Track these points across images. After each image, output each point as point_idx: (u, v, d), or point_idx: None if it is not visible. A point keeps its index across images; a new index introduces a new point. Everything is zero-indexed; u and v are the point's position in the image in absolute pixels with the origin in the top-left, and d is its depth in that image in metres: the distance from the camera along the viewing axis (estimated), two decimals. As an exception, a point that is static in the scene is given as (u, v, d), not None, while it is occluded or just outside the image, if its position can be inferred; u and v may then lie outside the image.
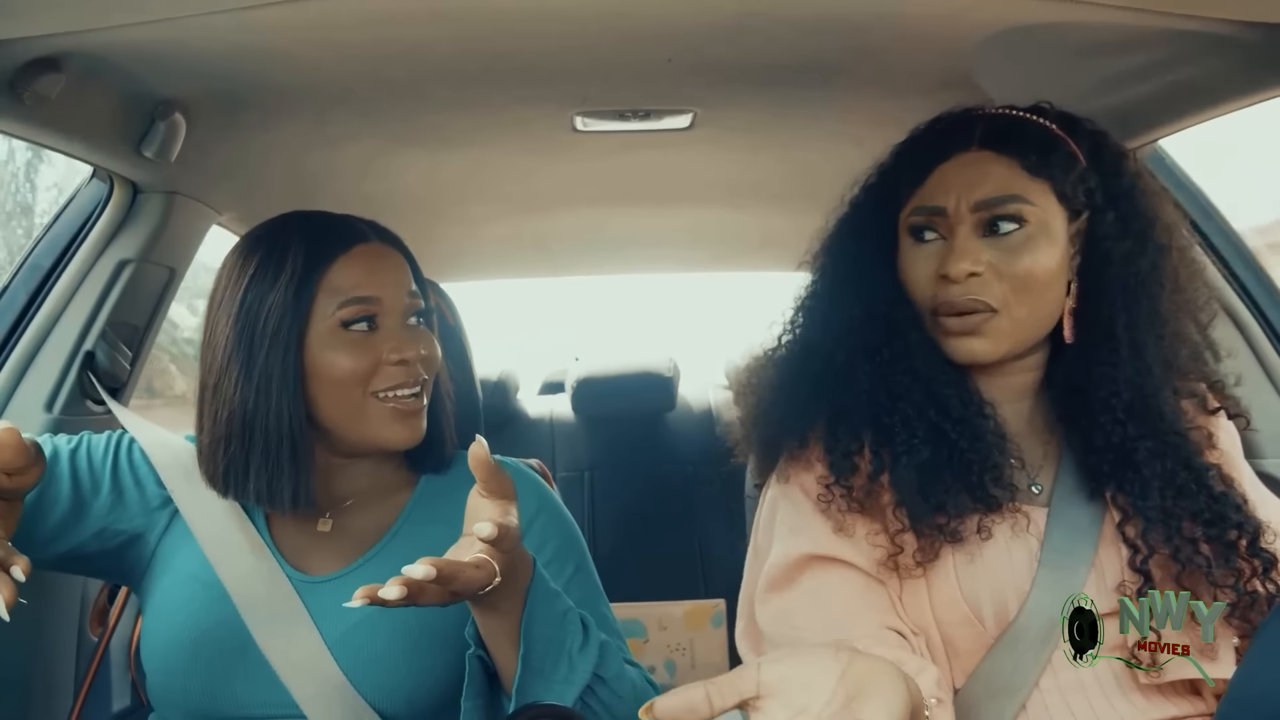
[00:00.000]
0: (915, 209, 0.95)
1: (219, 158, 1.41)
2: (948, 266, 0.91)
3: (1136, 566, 0.88)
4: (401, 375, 0.99)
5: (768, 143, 1.56)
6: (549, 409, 2.81)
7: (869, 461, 0.93)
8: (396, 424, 1.00)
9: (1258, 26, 0.99)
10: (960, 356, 0.93)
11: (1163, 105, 1.22)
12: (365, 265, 1.01)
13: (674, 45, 1.14)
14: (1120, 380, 0.91)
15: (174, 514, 1.04)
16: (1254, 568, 0.88)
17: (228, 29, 1.02)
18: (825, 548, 0.92)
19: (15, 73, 1.00)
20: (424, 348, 1.01)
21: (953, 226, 0.93)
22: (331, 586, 1.00)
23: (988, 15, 1.05)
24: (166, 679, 0.98)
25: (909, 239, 0.96)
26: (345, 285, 0.99)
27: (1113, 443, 0.91)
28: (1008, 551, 0.90)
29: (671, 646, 2.21)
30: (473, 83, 1.24)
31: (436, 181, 1.75)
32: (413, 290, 1.04)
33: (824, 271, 1.04)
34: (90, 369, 1.35)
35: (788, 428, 0.99)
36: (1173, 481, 0.90)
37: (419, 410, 1.02)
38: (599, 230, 2.24)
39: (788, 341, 1.05)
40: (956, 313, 0.92)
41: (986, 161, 0.93)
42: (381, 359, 0.99)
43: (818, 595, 0.92)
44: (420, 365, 1.01)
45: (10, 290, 1.35)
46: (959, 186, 0.92)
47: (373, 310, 0.99)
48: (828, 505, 0.93)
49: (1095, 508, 0.93)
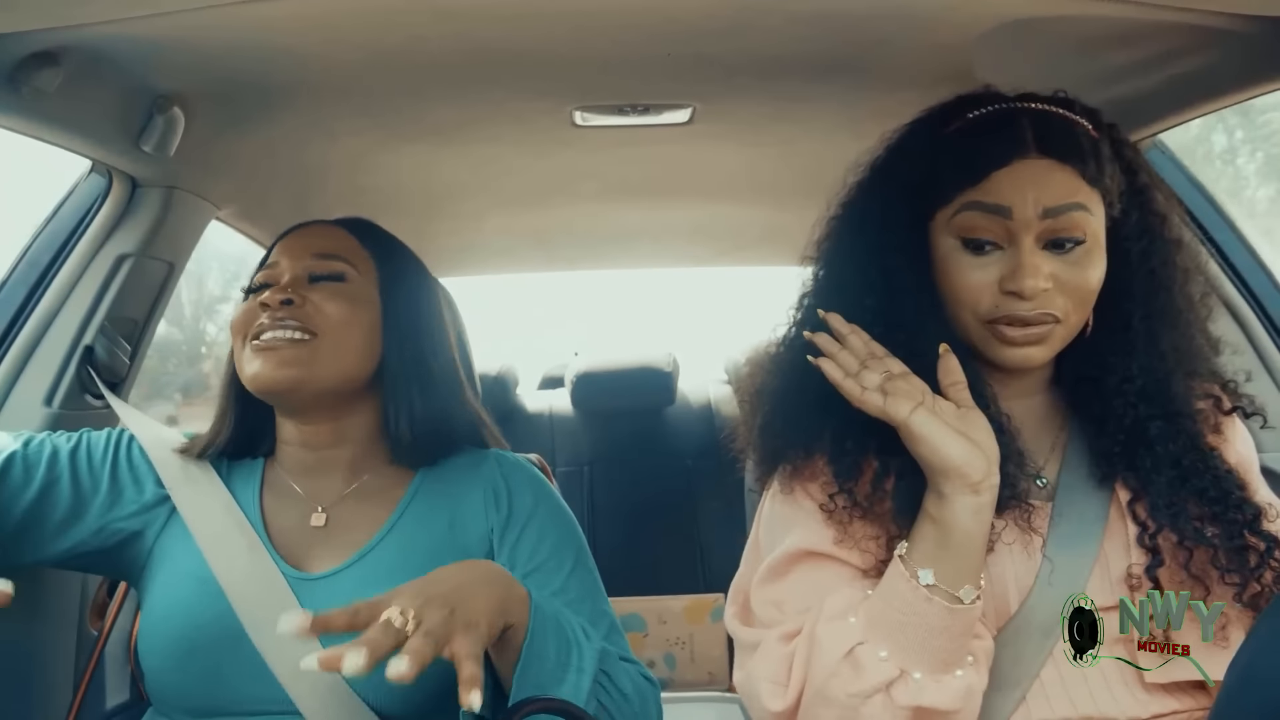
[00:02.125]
0: (970, 204, 0.91)
1: (218, 152, 1.41)
2: (1019, 283, 0.88)
3: (1145, 544, 0.89)
4: (265, 316, 1.02)
5: (767, 137, 1.56)
6: (548, 404, 2.81)
7: (874, 468, 0.92)
8: (255, 360, 1.01)
9: (1257, 20, 0.99)
10: (1015, 364, 0.92)
11: (1163, 99, 1.22)
12: (286, 241, 1.11)
13: (673, 40, 1.14)
14: (1135, 367, 0.93)
15: (172, 511, 1.05)
16: (1258, 548, 0.89)
17: (227, 23, 1.01)
18: (824, 547, 0.92)
19: (14, 67, 1.00)
20: (313, 294, 1.04)
21: (1015, 234, 0.89)
22: (326, 584, 1.00)
23: (988, 8, 1.05)
24: (164, 675, 0.98)
25: (958, 244, 0.92)
26: (268, 258, 1.11)
27: (1125, 425, 0.92)
28: (1008, 547, 0.90)
29: (671, 640, 2.21)
30: (472, 77, 1.24)
31: (435, 176, 1.74)
32: (324, 251, 1.07)
33: (834, 268, 1.01)
34: (89, 364, 1.35)
35: (791, 439, 0.97)
36: (1180, 462, 0.91)
37: (274, 348, 1.01)
38: (598, 225, 2.24)
39: (790, 344, 1.02)
40: (1024, 325, 0.90)
41: (1052, 170, 0.90)
42: (253, 309, 1.04)
43: (808, 584, 0.92)
44: (286, 312, 1.02)
45: (9, 285, 1.35)
46: (1027, 190, 0.89)
47: (270, 274, 1.07)
48: (830, 514, 0.92)
49: (1102, 495, 0.93)
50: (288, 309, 1.01)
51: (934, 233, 0.95)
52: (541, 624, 0.87)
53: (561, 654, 0.88)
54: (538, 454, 1.34)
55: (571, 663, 0.88)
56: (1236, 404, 0.99)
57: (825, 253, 1.03)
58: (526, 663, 0.85)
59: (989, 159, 0.91)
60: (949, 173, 0.93)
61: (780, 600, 0.92)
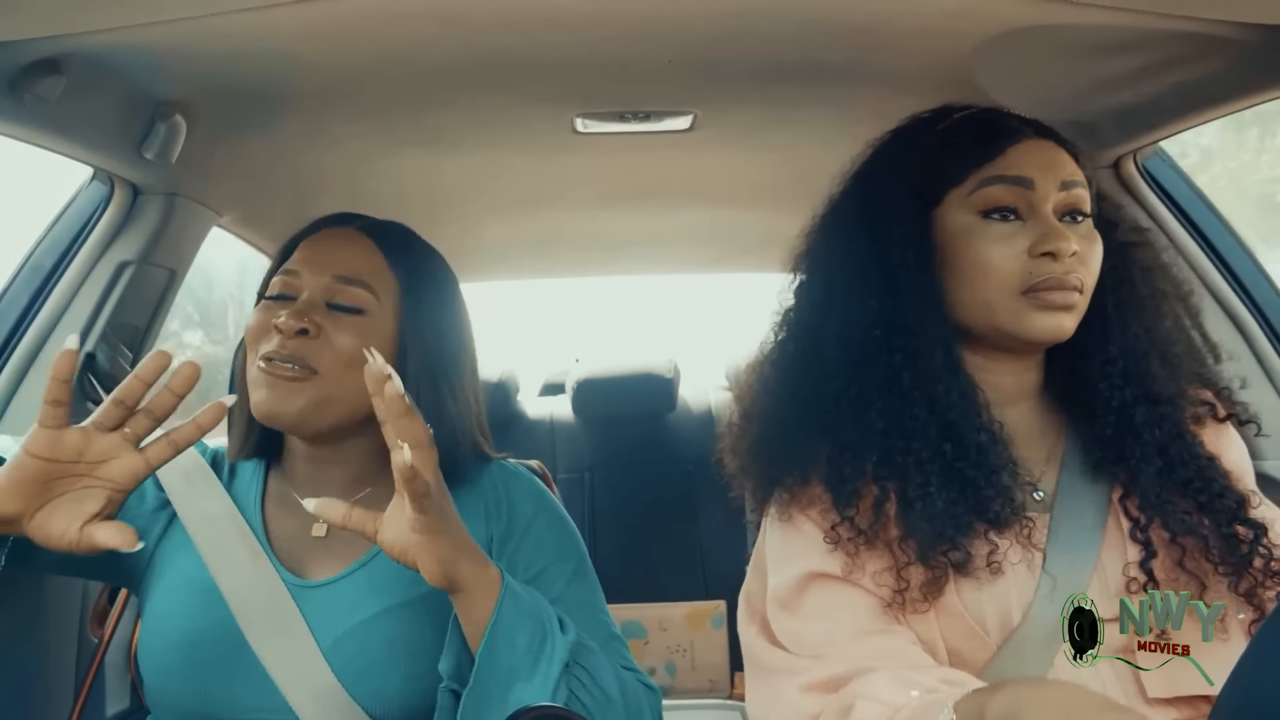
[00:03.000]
0: (991, 179, 0.92)
1: (220, 159, 1.41)
2: (1054, 244, 0.89)
3: (1138, 538, 0.89)
4: (276, 341, 0.98)
5: (768, 143, 1.56)
6: (549, 410, 2.81)
7: (873, 492, 0.91)
8: (261, 388, 0.98)
9: (1256, 28, 0.99)
10: (1047, 333, 0.92)
11: (1163, 106, 1.22)
12: (312, 244, 1.06)
13: (675, 46, 1.14)
14: (1115, 350, 0.95)
15: (172, 517, 1.04)
16: (1247, 537, 0.89)
17: (228, 31, 1.02)
18: (834, 570, 0.91)
19: (16, 74, 1.00)
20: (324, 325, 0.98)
21: (1036, 204, 0.92)
22: (326, 591, 1.00)
23: (988, 16, 1.05)
24: (162, 682, 0.98)
25: (977, 219, 0.93)
26: (289, 261, 1.05)
27: (1112, 407, 0.94)
28: (1010, 563, 0.90)
29: (672, 648, 2.21)
30: (473, 83, 1.24)
31: (436, 182, 1.75)
32: (345, 275, 1.02)
33: (829, 275, 1.00)
34: (91, 371, 1.35)
35: (786, 463, 0.96)
36: (1167, 450, 0.92)
37: (280, 377, 0.97)
38: (599, 231, 2.24)
39: (776, 362, 1.01)
40: (1061, 288, 0.91)
41: (1055, 149, 0.95)
42: (267, 325, 0.99)
43: (825, 609, 0.90)
44: (297, 344, 0.97)
45: (11, 292, 1.35)
46: (1043, 162, 0.93)
47: (292, 284, 1.02)
48: (835, 545, 0.91)
49: (1100, 503, 0.93)
50: (300, 340, 0.98)
51: (943, 217, 0.95)
52: (513, 608, 0.87)
53: (535, 643, 0.88)
54: (538, 461, 1.33)
55: (544, 652, 0.88)
56: (1231, 411, 1.00)
57: (816, 258, 1.02)
58: (493, 645, 0.85)
59: (1003, 135, 0.94)
60: (962, 153, 0.95)
61: (799, 632, 0.90)
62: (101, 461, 0.82)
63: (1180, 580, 0.89)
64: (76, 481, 0.81)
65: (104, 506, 0.82)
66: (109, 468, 0.82)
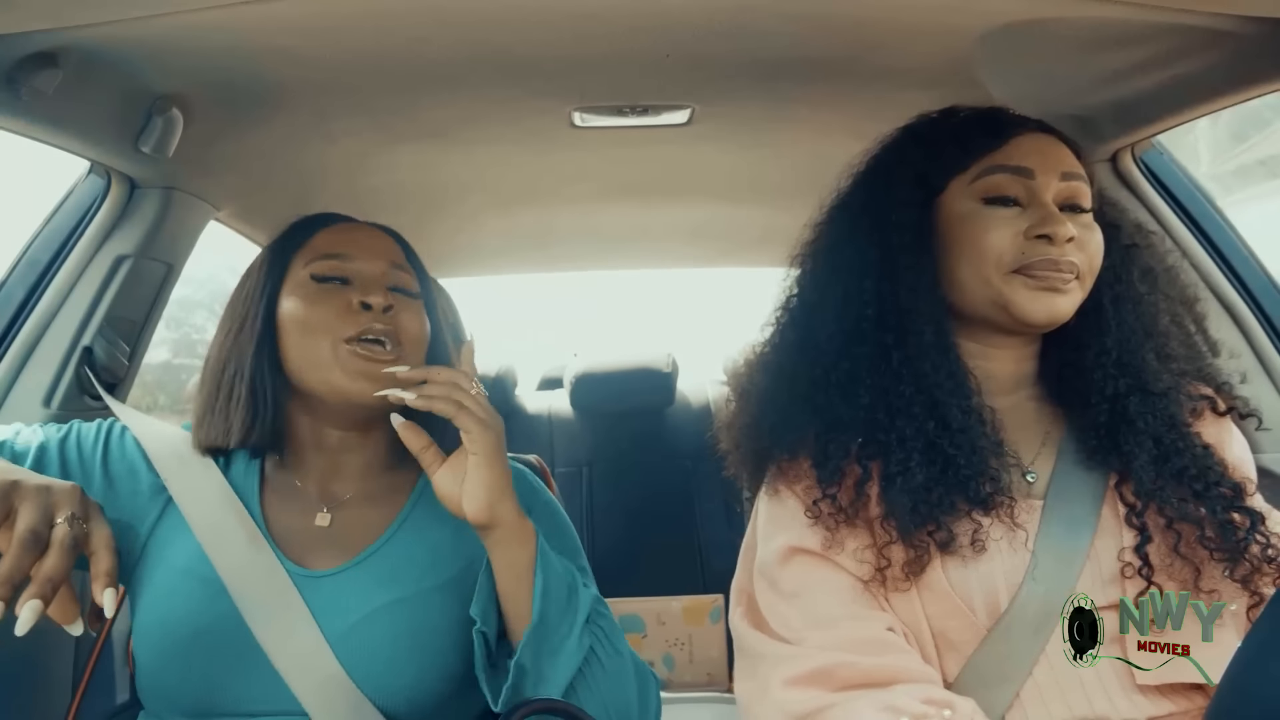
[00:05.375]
0: (994, 167, 0.96)
1: (217, 153, 1.41)
2: (1050, 227, 0.92)
3: (1133, 523, 0.90)
4: (364, 321, 0.98)
5: (766, 138, 1.56)
6: (547, 405, 2.81)
7: (856, 472, 0.93)
8: (353, 372, 0.98)
9: (1256, 21, 0.99)
10: (1040, 313, 0.94)
11: (1161, 100, 1.22)
12: (344, 232, 1.07)
13: (672, 41, 1.14)
14: (1109, 341, 0.97)
15: (166, 503, 1.02)
16: (1243, 524, 0.90)
17: (225, 24, 1.01)
18: (813, 546, 0.93)
19: (13, 67, 0.99)
20: (395, 305, 1.01)
21: (1036, 193, 0.95)
22: (331, 582, 0.99)
23: (987, 10, 1.05)
24: (161, 676, 0.96)
25: (979, 205, 0.96)
26: (321, 246, 1.05)
27: (1107, 396, 0.96)
28: (997, 544, 0.90)
29: (670, 641, 2.21)
30: (471, 78, 1.24)
31: (434, 177, 1.75)
32: (397, 262, 1.06)
33: (830, 258, 1.03)
34: (88, 364, 1.35)
35: (778, 440, 0.99)
36: (1161, 440, 0.94)
37: (377, 359, 0.98)
38: (597, 226, 2.24)
39: (776, 345, 1.03)
40: (1055, 269, 0.93)
41: (1056, 143, 0.99)
42: (350, 305, 0.99)
43: (805, 587, 0.92)
44: (386, 321, 0.99)
45: (8, 286, 1.35)
46: (1045, 154, 0.96)
47: (344, 268, 1.03)
48: (815, 519, 0.93)
49: (1095, 492, 0.94)
50: (388, 318, 0.99)
51: (946, 203, 0.98)
52: (546, 557, 0.94)
53: (570, 592, 0.95)
54: (536, 455, 1.34)
55: (572, 603, 0.94)
56: (1231, 405, 1.00)
57: (819, 247, 1.05)
58: (547, 583, 0.92)
59: (1007, 127, 0.99)
60: (968, 140, 0.99)
61: (782, 611, 0.92)
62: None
63: (1175, 566, 0.89)
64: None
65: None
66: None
